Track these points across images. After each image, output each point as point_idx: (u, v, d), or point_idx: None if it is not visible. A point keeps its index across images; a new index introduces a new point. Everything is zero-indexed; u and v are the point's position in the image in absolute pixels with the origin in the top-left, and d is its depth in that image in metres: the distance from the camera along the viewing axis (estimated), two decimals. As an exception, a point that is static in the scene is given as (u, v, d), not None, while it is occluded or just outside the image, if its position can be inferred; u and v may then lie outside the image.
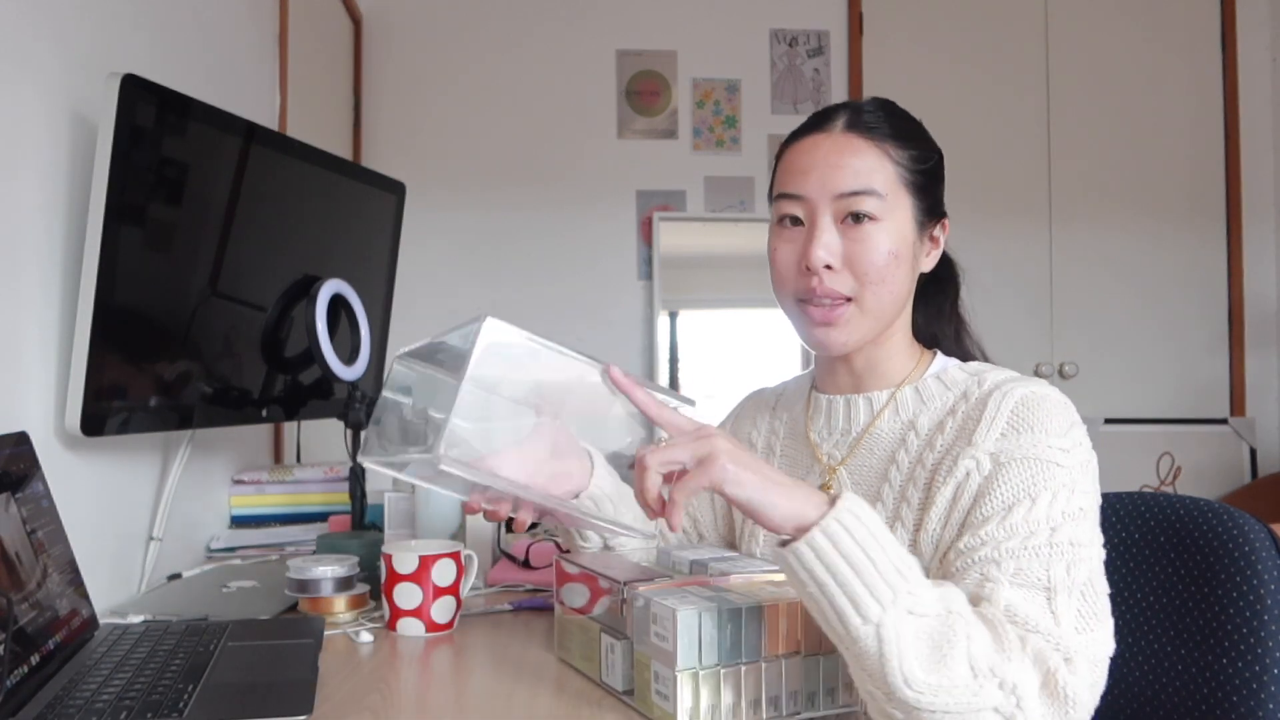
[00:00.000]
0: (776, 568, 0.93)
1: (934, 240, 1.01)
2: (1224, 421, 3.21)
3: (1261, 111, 3.27)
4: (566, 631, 1.00)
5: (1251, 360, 3.24)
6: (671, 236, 3.13)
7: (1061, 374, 3.17)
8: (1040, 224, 3.21)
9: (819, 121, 0.99)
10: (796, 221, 0.97)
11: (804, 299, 0.96)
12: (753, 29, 3.20)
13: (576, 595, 0.98)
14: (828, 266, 0.94)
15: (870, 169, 0.95)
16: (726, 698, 0.80)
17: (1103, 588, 0.83)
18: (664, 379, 3.11)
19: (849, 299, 0.95)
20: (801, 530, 0.75)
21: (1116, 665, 0.83)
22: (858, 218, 0.94)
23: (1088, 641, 0.79)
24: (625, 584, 0.87)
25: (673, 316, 3.15)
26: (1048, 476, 0.85)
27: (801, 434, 1.07)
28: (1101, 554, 0.85)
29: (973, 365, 1.00)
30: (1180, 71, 3.27)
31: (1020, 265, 3.21)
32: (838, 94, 3.20)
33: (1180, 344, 3.24)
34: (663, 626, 0.80)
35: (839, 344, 0.96)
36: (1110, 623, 0.82)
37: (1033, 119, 3.21)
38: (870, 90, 3.18)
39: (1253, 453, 3.18)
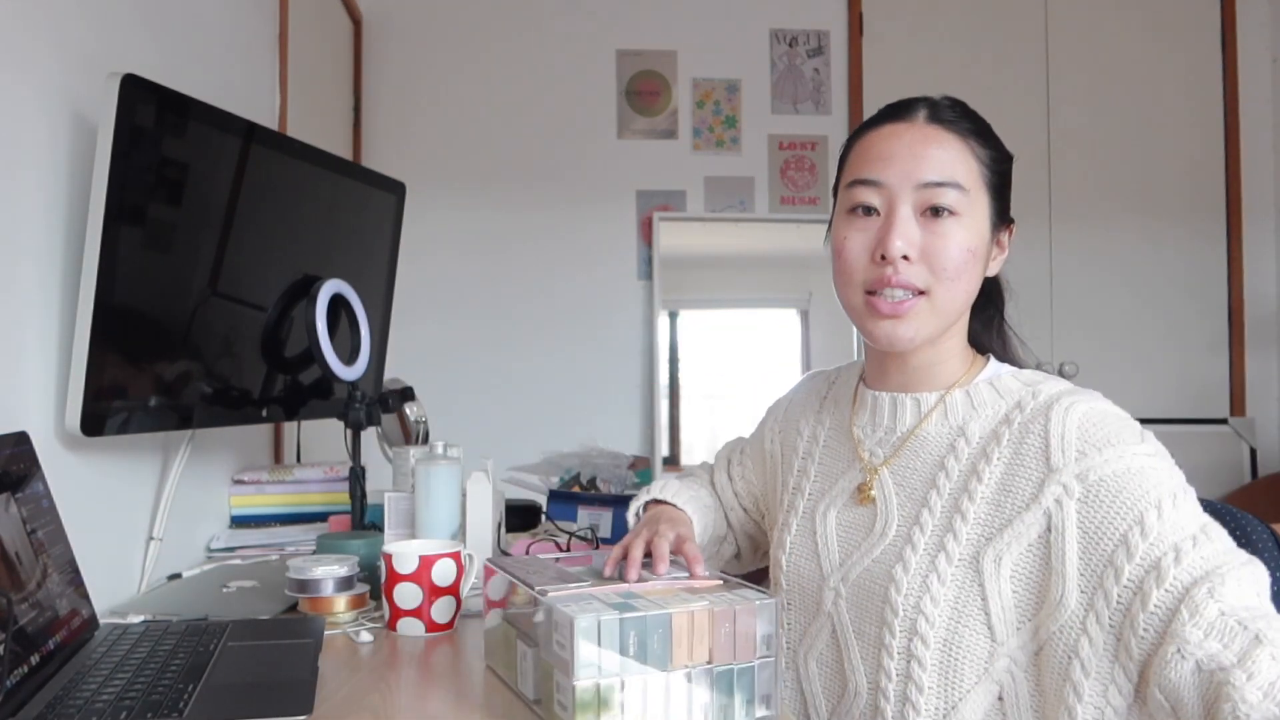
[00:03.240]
0: (709, 574, 0.90)
1: (1000, 245, 0.99)
2: (1224, 421, 3.21)
3: (1261, 111, 3.27)
4: (492, 637, 0.97)
5: (1251, 360, 3.24)
6: (671, 236, 3.13)
7: (1061, 374, 3.15)
8: (1040, 224, 3.21)
9: (897, 111, 0.96)
10: (869, 211, 0.94)
11: (873, 290, 0.93)
12: (753, 29, 3.20)
13: (501, 599, 0.95)
14: (905, 257, 0.91)
15: (954, 161, 0.93)
16: (630, 710, 0.76)
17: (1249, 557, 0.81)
18: (664, 379, 3.11)
19: (921, 292, 0.92)
20: None
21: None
22: (937, 211, 0.92)
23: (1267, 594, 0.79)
24: (537, 589, 0.84)
25: (673, 316, 3.15)
26: (1153, 481, 0.82)
27: (845, 428, 1.06)
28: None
29: (1027, 374, 0.97)
30: (1180, 71, 3.27)
31: (1020, 265, 3.19)
32: (838, 94, 3.20)
33: (1180, 344, 3.24)
34: (562, 634, 0.77)
35: (905, 339, 0.93)
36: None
37: (1033, 119, 3.21)
38: (870, 90, 3.18)
39: (1253, 453, 3.18)
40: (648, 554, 0.94)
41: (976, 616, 0.87)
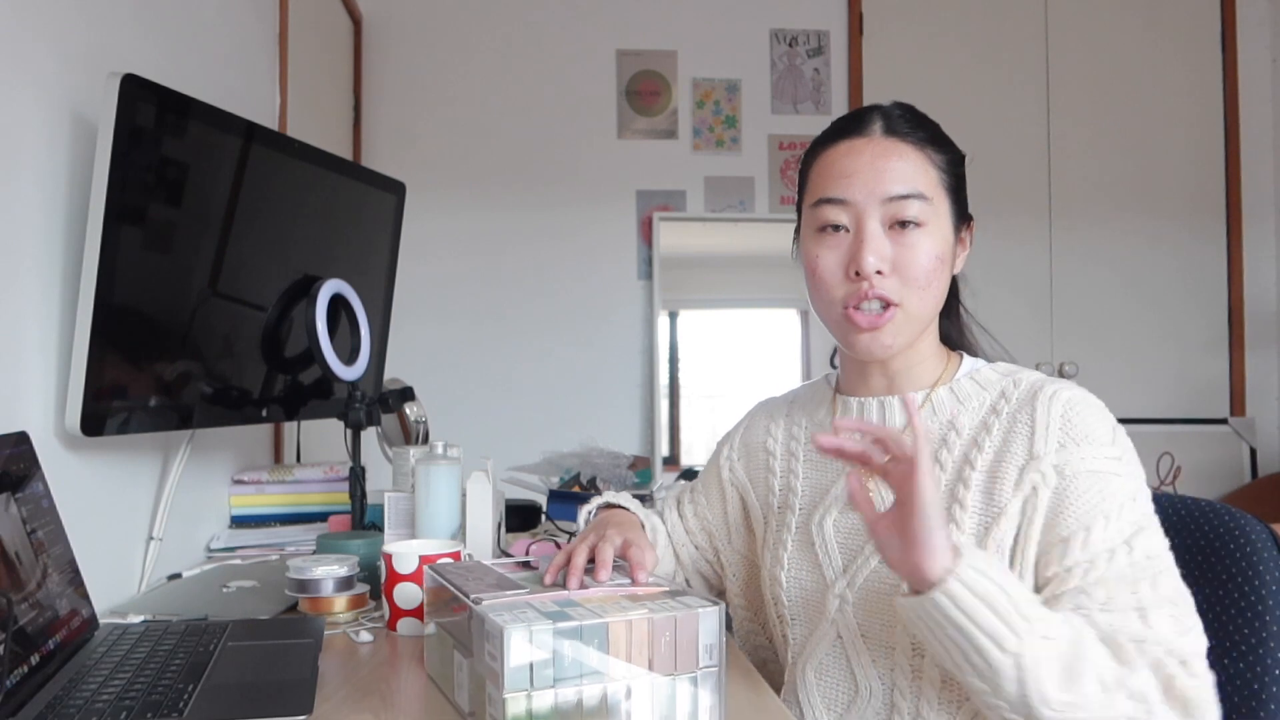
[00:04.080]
0: (654, 581, 0.89)
1: (963, 243, 1.02)
2: (1224, 421, 3.21)
3: (1261, 111, 3.27)
4: (431, 645, 0.95)
5: (1251, 360, 3.24)
6: (671, 236, 3.13)
7: (1061, 374, 3.16)
8: (1040, 224, 3.21)
9: (852, 126, 0.98)
10: (838, 228, 0.96)
11: (850, 304, 0.96)
12: (753, 29, 3.20)
13: (439, 607, 0.92)
14: (878, 271, 0.93)
15: (915, 172, 0.95)
16: None
17: (1185, 591, 0.85)
18: (664, 379, 3.11)
19: (896, 304, 0.94)
20: (929, 580, 0.78)
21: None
22: (904, 223, 0.94)
23: (1190, 642, 0.82)
24: (471, 597, 0.80)
25: (673, 316, 3.15)
26: (1113, 490, 0.87)
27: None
28: (1170, 554, 0.87)
29: (1001, 366, 1.01)
30: (1180, 71, 3.27)
31: (1020, 265, 3.21)
32: (838, 94, 3.20)
33: (1180, 344, 3.24)
34: (493, 645, 0.73)
35: (885, 348, 0.96)
36: (1199, 621, 0.84)
37: (1033, 119, 3.21)
38: (870, 90, 3.17)
39: (1253, 453, 3.18)
40: (593, 560, 0.92)
41: None
